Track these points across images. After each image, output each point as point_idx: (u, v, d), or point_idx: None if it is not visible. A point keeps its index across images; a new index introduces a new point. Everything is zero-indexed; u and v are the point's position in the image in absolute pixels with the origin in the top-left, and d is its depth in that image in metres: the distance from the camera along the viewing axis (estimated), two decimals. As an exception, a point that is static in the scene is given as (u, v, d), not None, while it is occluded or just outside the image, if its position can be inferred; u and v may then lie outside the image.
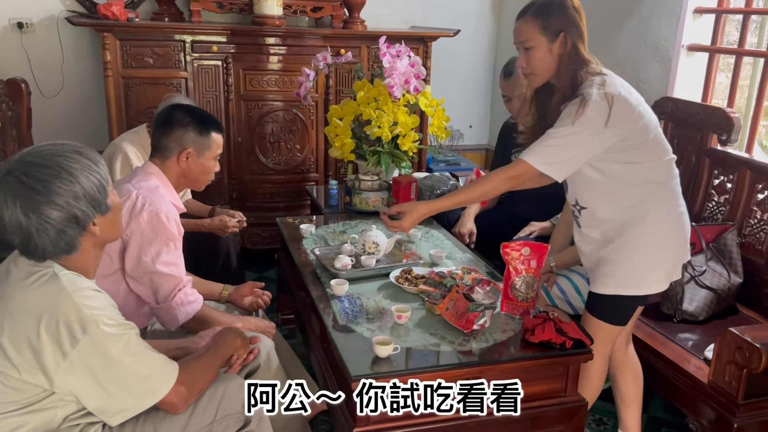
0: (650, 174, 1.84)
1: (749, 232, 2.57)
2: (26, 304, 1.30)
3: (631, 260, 1.86)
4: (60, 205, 1.33)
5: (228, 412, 1.58)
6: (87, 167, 1.38)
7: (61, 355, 1.29)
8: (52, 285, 1.32)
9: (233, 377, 1.66)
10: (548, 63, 1.84)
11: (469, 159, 4.53)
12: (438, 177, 3.19)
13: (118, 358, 1.34)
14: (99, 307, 1.34)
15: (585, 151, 1.78)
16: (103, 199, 1.41)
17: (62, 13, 3.60)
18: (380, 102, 2.93)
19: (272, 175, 3.71)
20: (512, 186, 1.92)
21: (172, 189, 2.04)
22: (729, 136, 2.69)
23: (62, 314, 1.29)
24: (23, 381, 1.31)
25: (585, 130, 1.73)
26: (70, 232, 1.36)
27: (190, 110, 2.07)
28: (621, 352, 2.09)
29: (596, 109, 1.73)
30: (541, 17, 1.82)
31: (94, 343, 1.31)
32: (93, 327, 1.31)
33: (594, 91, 1.74)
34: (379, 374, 1.65)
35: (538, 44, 1.83)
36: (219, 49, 3.44)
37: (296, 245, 2.53)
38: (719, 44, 3.11)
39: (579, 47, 1.82)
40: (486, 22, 4.54)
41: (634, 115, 1.77)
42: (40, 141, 3.24)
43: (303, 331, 2.39)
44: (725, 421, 1.96)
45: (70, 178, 1.34)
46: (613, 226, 1.87)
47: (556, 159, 1.78)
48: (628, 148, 1.79)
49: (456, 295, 1.90)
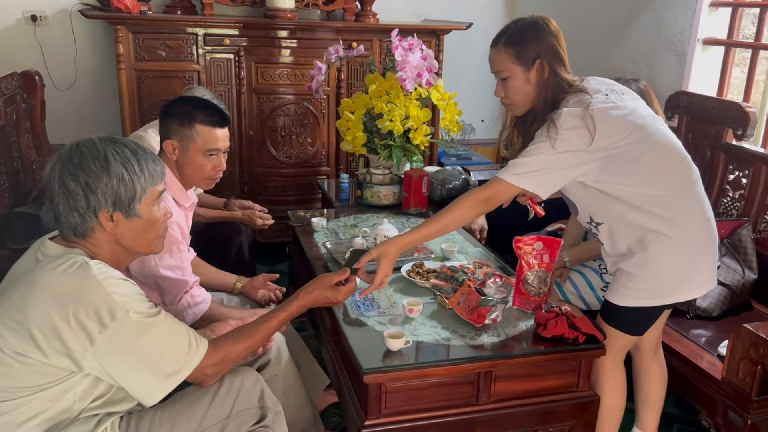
0: (664, 183, 1.73)
1: (764, 228, 2.55)
2: (57, 290, 1.32)
3: (656, 274, 1.75)
4: (79, 181, 1.38)
5: (244, 407, 1.58)
6: (127, 165, 1.42)
7: (89, 341, 1.31)
8: (83, 272, 1.34)
9: (250, 371, 1.66)
10: (526, 92, 1.78)
11: (480, 153, 4.52)
12: (449, 171, 3.18)
13: (144, 343, 1.36)
14: (127, 294, 1.37)
15: (569, 172, 1.71)
16: (129, 202, 1.43)
17: (75, 5, 3.62)
18: (392, 95, 2.92)
19: (283, 168, 3.72)
20: (484, 209, 1.81)
21: (177, 184, 1.98)
22: (744, 130, 2.66)
23: (91, 301, 1.31)
24: (50, 365, 1.32)
25: (564, 150, 1.67)
26: (80, 211, 1.39)
27: (186, 100, 1.99)
28: (649, 355, 2.03)
29: (572, 126, 1.66)
30: (514, 46, 1.75)
31: (123, 329, 1.33)
32: (122, 313, 1.33)
33: (566, 110, 1.68)
34: (391, 368, 1.65)
35: (513, 74, 1.77)
36: (231, 42, 3.44)
37: (307, 239, 2.53)
38: (735, 38, 3.07)
39: (558, 71, 1.74)
40: (498, 15, 4.51)
41: (623, 123, 1.69)
42: (53, 133, 3.32)
43: (314, 324, 2.39)
44: (739, 417, 1.95)
45: (104, 164, 1.39)
46: (634, 240, 1.76)
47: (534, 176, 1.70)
48: (630, 159, 1.70)
49: (468, 290, 1.89)
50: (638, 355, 2.05)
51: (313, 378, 2.26)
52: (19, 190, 2.82)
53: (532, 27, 1.77)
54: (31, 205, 2.72)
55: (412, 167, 3.03)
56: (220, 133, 1.98)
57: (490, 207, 1.80)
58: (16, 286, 1.38)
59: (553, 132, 1.68)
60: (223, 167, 2.04)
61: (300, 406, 2.00)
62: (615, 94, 1.77)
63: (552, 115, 1.70)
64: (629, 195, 1.74)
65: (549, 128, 1.69)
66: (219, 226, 2.78)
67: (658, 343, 2.05)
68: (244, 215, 2.78)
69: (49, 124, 3.30)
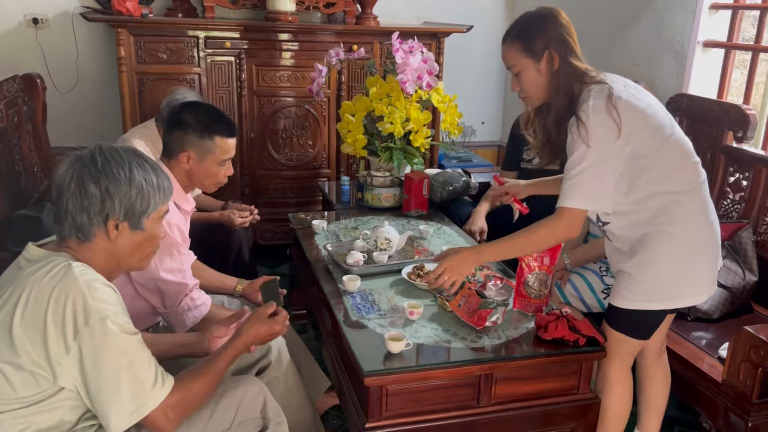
0: (672, 182, 1.72)
1: (765, 230, 2.55)
2: (38, 291, 1.29)
3: (657, 276, 1.73)
4: (100, 185, 1.37)
5: (246, 417, 1.58)
6: (147, 179, 1.42)
7: (65, 347, 1.27)
8: (64, 273, 1.31)
9: (253, 381, 1.65)
10: (540, 83, 1.78)
11: (481, 155, 4.52)
12: (450, 173, 3.18)
13: (112, 361, 1.29)
14: (107, 301, 1.32)
15: (613, 167, 1.68)
16: (139, 216, 1.42)
17: (77, 8, 3.63)
18: (393, 98, 2.93)
19: (284, 170, 3.72)
20: (567, 237, 1.77)
21: (180, 189, 2.01)
22: (745, 133, 2.66)
23: (70, 301, 1.28)
24: (32, 373, 1.29)
25: (601, 146, 1.65)
26: (91, 213, 1.37)
27: (197, 110, 2.00)
28: (653, 359, 2.02)
29: (600, 122, 1.65)
30: (522, 39, 1.77)
31: (93, 337, 1.28)
32: (95, 319, 1.28)
33: (591, 104, 1.66)
34: (392, 370, 1.65)
35: (524, 67, 1.77)
36: (232, 45, 3.45)
37: (308, 241, 2.53)
38: (735, 40, 3.07)
39: (570, 61, 1.74)
40: (499, 17, 4.51)
41: (643, 116, 1.69)
42: (54, 136, 3.32)
43: (315, 326, 2.39)
44: (739, 419, 1.95)
45: (128, 174, 1.39)
46: (637, 239, 1.76)
47: (594, 190, 1.67)
48: (646, 155, 1.69)
49: (468, 292, 1.89)
50: (642, 359, 2.04)
51: (314, 380, 2.26)
52: (20, 193, 2.82)
53: (539, 19, 1.77)
54: (33, 207, 2.72)
55: (412, 169, 3.03)
56: (233, 142, 2.03)
57: (572, 236, 1.77)
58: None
59: (584, 131, 1.65)
60: (231, 172, 2.09)
61: (300, 408, 2.00)
62: (632, 87, 1.76)
63: (578, 113, 1.68)
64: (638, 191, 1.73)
65: (579, 128, 1.66)
66: (219, 228, 2.78)
67: (663, 347, 2.04)
68: (222, 215, 2.78)
69: (50, 126, 3.31)
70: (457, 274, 1.83)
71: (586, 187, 1.67)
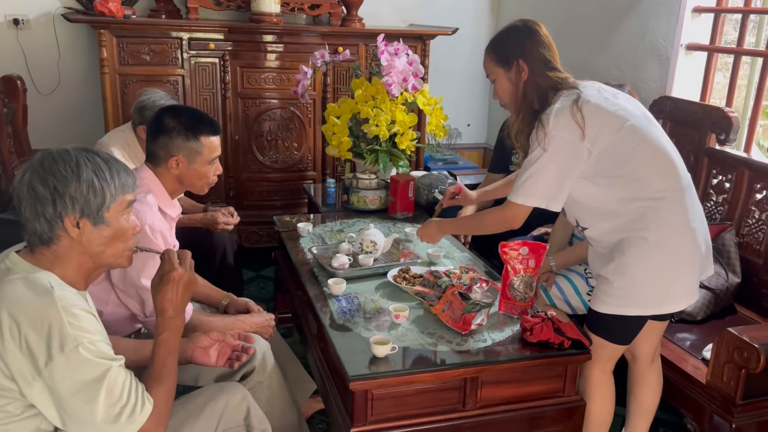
0: (649, 186, 1.72)
1: (747, 232, 2.57)
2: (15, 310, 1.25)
3: (633, 282, 1.74)
4: (48, 185, 1.33)
5: (229, 426, 1.56)
6: (98, 172, 1.38)
7: (36, 371, 1.24)
8: (45, 297, 1.27)
9: (236, 388, 1.63)
10: (510, 91, 1.87)
11: (466, 158, 4.53)
12: (436, 176, 3.18)
13: (86, 388, 1.26)
14: (85, 329, 1.28)
15: (570, 169, 1.72)
16: (97, 210, 1.37)
17: (58, 9, 3.59)
18: (378, 100, 2.92)
19: (269, 173, 3.70)
20: (509, 227, 1.88)
21: (166, 195, 1.98)
22: (727, 135, 2.69)
23: (46, 327, 1.24)
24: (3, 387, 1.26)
25: (558, 150, 1.70)
26: (47, 216, 1.33)
27: (178, 113, 1.97)
28: (646, 365, 2.02)
29: (561, 125, 1.69)
30: (494, 50, 1.88)
31: (68, 365, 1.24)
32: (71, 346, 1.24)
33: (555, 107, 1.72)
34: (377, 374, 1.64)
35: (497, 76, 1.88)
36: (216, 47, 3.42)
37: (293, 244, 2.51)
38: (718, 43, 3.10)
39: (539, 71, 1.80)
40: (484, 21, 4.53)
41: (613, 118, 1.71)
42: (36, 138, 3.28)
43: (300, 330, 2.38)
44: (723, 421, 1.96)
45: (74, 170, 1.35)
46: (614, 244, 1.77)
47: (543, 190, 1.75)
48: (618, 157, 1.71)
49: (451, 297, 1.88)
50: (635, 364, 2.04)
51: (299, 384, 2.24)
52: (0, 197, 2.78)
53: (514, 31, 1.86)
54: (13, 211, 2.67)
55: (398, 172, 3.03)
56: (218, 140, 2.02)
57: (516, 226, 1.88)
58: None
59: (542, 135, 1.71)
60: (220, 170, 2.08)
61: (285, 413, 1.98)
62: (607, 92, 1.79)
63: (541, 116, 1.74)
64: (614, 196, 1.74)
65: (538, 131, 1.72)
66: (203, 232, 2.76)
67: (656, 353, 2.04)
68: (205, 217, 2.75)
69: (31, 129, 3.27)
70: (428, 239, 2.20)
71: (534, 188, 1.76)
